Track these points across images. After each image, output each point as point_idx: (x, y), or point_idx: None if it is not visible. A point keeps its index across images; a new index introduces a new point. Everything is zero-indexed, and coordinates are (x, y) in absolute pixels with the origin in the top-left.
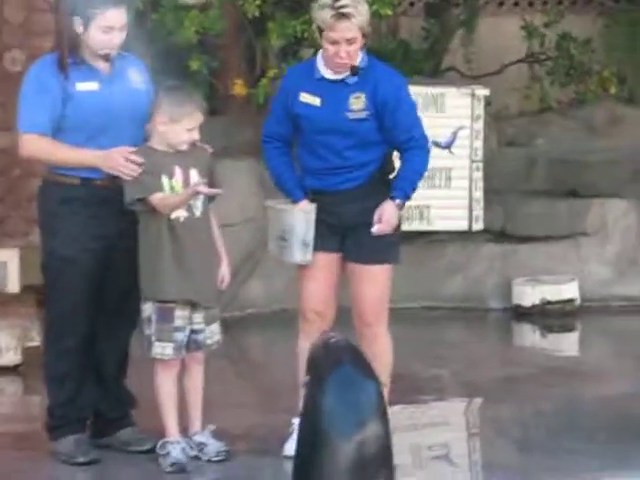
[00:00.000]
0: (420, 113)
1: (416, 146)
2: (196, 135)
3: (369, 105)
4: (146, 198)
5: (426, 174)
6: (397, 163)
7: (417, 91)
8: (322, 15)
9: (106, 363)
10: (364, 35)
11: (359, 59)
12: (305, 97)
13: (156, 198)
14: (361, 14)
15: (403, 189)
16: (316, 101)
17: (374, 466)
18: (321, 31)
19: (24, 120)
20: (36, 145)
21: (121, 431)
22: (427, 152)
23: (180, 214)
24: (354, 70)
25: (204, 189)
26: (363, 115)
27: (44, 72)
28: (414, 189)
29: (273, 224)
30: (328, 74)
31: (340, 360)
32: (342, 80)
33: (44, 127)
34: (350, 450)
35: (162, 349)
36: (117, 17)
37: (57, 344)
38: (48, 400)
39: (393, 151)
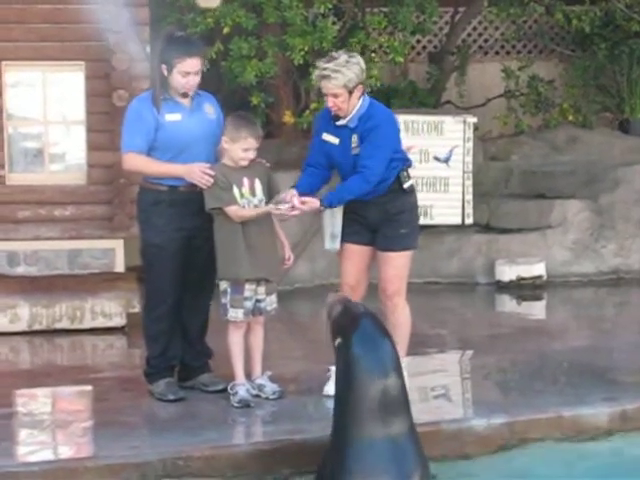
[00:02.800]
0: (424, 136)
1: (362, 172)
2: (251, 155)
3: (359, 142)
4: (221, 208)
5: (429, 182)
6: (411, 172)
7: (423, 119)
8: (314, 75)
9: (190, 325)
10: (350, 91)
11: (360, 103)
12: (327, 137)
13: (232, 210)
14: (343, 75)
15: (329, 199)
16: (335, 141)
17: (394, 405)
18: None
19: (125, 142)
20: (134, 161)
21: (201, 376)
22: (366, 181)
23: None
24: (337, 118)
25: (275, 211)
26: (358, 151)
27: (142, 106)
28: (341, 202)
29: (321, 220)
30: (338, 121)
31: (361, 324)
32: (346, 125)
33: (140, 147)
34: (375, 393)
35: (235, 313)
36: (192, 64)
37: (152, 311)
38: (146, 353)
39: (407, 168)
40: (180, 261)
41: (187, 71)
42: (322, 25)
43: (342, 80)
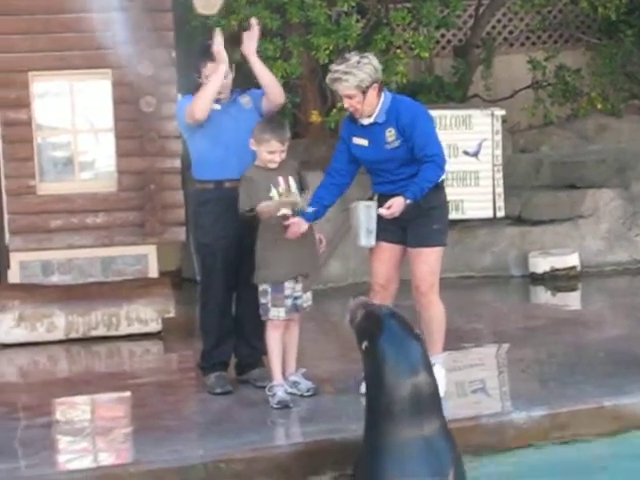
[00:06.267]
0: (453, 130)
1: (429, 161)
2: (277, 158)
3: (398, 134)
4: (253, 209)
5: (459, 176)
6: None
7: (451, 114)
8: (327, 79)
9: (245, 320)
10: (364, 91)
11: (382, 98)
12: (356, 140)
13: (260, 206)
14: (354, 76)
15: (413, 192)
16: (364, 142)
17: (426, 405)
18: None
19: (182, 103)
20: (192, 105)
21: (253, 371)
22: (438, 166)
23: (287, 211)
24: (353, 118)
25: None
26: (397, 144)
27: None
28: (422, 192)
29: (351, 219)
30: (364, 121)
31: (386, 326)
32: (375, 122)
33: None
34: (406, 395)
35: (277, 312)
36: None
37: (205, 307)
38: (202, 347)
39: None
40: (230, 259)
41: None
42: (346, 23)
43: (353, 81)
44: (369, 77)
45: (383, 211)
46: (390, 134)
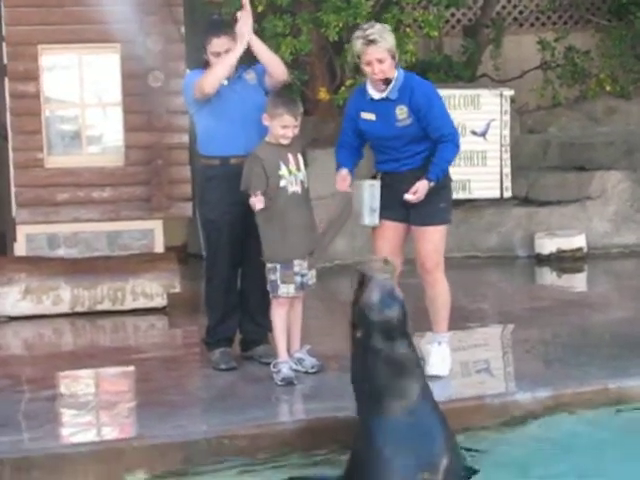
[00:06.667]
0: (461, 110)
1: (446, 140)
2: (290, 133)
3: (410, 113)
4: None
5: (466, 156)
6: None
7: (459, 93)
8: (357, 44)
9: (251, 295)
10: (393, 56)
11: (395, 74)
12: (364, 115)
13: (251, 199)
14: (386, 40)
15: (435, 173)
16: (372, 117)
17: (411, 391)
18: (359, 58)
19: (190, 78)
20: (200, 80)
21: (258, 347)
22: (455, 145)
23: (297, 188)
24: (387, 81)
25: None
26: (408, 122)
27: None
28: (444, 172)
29: (354, 197)
30: (375, 95)
31: (372, 322)
32: (387, 98)
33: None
34: (389, 384)
35: (287, 289)
36: (218, 44)
37: (210, 282)
38: (207, 323)
39: None
40: (236, 235)
41: (216, 51)
42: (356, 1)
43: (385, 44)
44: (394, 43)
45: (409, 197)
46: (401, 112)
